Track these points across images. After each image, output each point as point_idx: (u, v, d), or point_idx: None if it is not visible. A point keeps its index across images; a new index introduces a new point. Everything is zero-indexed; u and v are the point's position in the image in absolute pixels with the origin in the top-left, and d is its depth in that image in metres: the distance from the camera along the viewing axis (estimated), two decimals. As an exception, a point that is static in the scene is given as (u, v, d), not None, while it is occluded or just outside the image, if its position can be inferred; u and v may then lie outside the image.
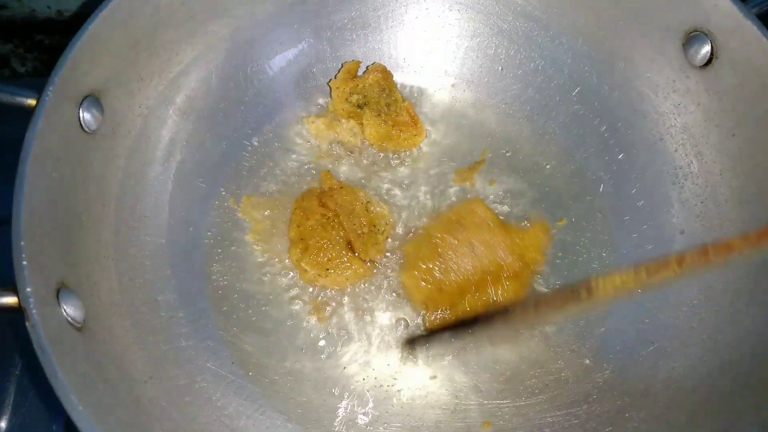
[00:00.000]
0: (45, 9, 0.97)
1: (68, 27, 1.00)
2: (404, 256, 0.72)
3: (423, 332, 0.70)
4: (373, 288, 0.72)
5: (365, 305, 0.71)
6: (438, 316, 0.68)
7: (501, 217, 0.74)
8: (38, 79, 0.56)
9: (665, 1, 0.70)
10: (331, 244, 0.70)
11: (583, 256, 0.74)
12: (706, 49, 0.68)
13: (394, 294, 0.72)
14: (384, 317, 0.71)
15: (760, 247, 0.53)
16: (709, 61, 0.69)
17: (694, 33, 0.69)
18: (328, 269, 0.70)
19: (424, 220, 0.75)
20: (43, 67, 0.99)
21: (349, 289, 0.72)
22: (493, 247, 0.69)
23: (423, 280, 0.68)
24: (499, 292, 0.69)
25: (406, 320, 0.71)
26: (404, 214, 0.76)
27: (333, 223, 0.71)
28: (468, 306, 0.68)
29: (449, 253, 0.69)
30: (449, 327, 0.68)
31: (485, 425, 0.66)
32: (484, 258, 0.69)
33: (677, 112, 0.74)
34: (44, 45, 0.99)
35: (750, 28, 0.63)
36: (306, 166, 0.78)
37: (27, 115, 0.56)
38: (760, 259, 0.64)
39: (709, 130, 0.71)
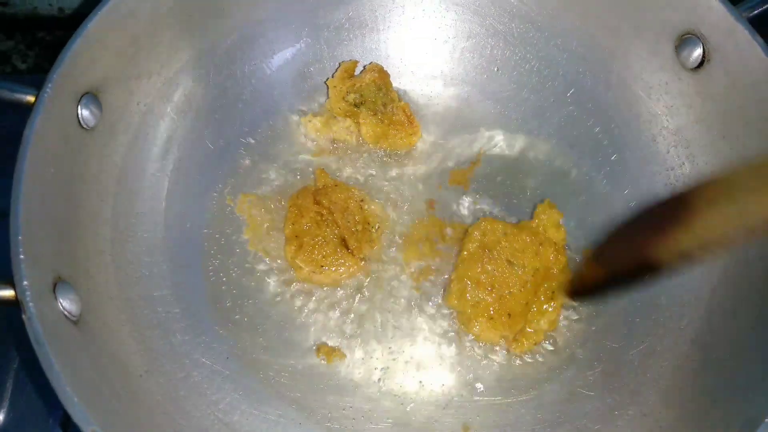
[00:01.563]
0: (47, 6, 0.98)
1: (69, 24, 1.00)
2: (456, 313, 0.71)
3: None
4: (367, 284, 0.73)
5: (359, 302, 0.72)
6: (520, 337, 0.69)
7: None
8: (39, 76, 0.57)
9: (658, 4, 0.71)
10: (325, 241, 0.71)
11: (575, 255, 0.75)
12: (698, 51, 0.69)
13: (389, 289, 0.72)
14: (379, 313, 0.71)
15: None
16: (701, 64, 0.69)
17: (686, 36, 0.70)
18: (322, 266, 0.70)
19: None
20: (45, 63, 1.00)
21: (343, 287, 0.72)
22: (524, 249, 0.70)
23: (489, 318, 0.68)
24: (554, 282, 0.70)
25: (400, 317, 0.71)
26: (398, 212, 0.76)
27: (327, 220, 0.72)
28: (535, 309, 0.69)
29: (494, 280, 0.69)
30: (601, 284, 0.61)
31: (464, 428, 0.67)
32: (525, 263, 0.70)
33: (670, 114, 0.75)
34: (46, 42, 1.00)
35: (741, 31, 0.64)
36: (302, 165, 0.78)
37: (26, 110, 0.57)
38: (751, 259, 0.65)
39: (701, 132, 0.72)
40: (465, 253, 0.71)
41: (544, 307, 0.70)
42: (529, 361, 0.70)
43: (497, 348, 0.70)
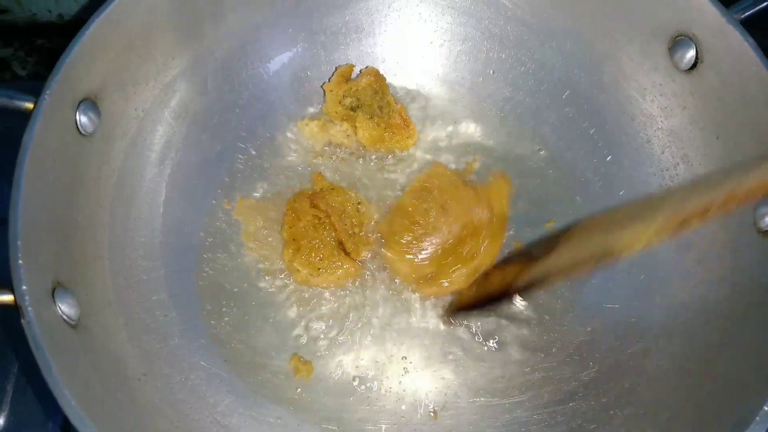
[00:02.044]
0: (46, 13, 0.99)
1: (69, 31, 1.00)
2: (382, 235, 0.73)
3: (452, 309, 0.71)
4: (364, 286, 0.73)
5: (359, 305, 0.72)
6: (430, 280, 0.70)
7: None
8: (38, 83, 0.58)
9: (652, 6, 0.71)
10: (322, 244, 0.72)
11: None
12: (691, 53, 0.69)
13: (385, 290, 0.73)
14: (375, 314, 0.72)
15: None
16: (694, 65, 0.70)
17: (679, 37, 0.70)
18: (319, 269, 0.71)
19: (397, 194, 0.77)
20: (44, 70, 1.01)
21: (341, 289, 0.73)
22: (464, 204, 0.72)
23: (406, 253, 0.70)
24: (481, 246, 0.71)
25: (396, 318, 0.72)
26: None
27: (324, 223, 0.73)
28: (455, 265, 0.70)
29: (424, 219, 0.71)
30: (473, 305, 0.69)
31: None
32: (459, 217, 0.71)
33: (664, 115, 0.75)
34: (45, 49, 1.01)
35: (733, 33, 0.64)
36: (300, 168, 0.79)
37: (25, 116, 0.58)
38: (745, 259, 0.66)
39: (694, 133, 0.72)
40: (408, 186, 0.74)
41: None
42: (524, 362, 0.70)
43: (491, 345, 0.70)
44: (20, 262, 0.52)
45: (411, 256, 0.70)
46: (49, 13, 0.99)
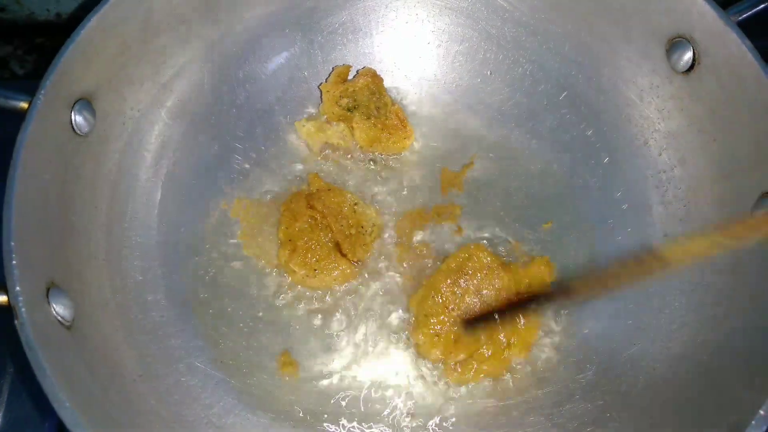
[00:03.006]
0: (44, 11, 0.99)
1: (67, 29, 1.00)
2: (412, 313, 0.71)
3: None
4: (362, 289, 0.73)
5: (355, 307, 0.72)
6: (458, 366, 0.68)
7: (503, 258, 0.74)
8: (36, 82, 0.58)
9: (649, 7, 0.71)
10: (318, 245, 0.71)
11: (568, 258, 0.75)
12: (689, 55, 0.69)
13: (383, 295, 0.73)
14: (372, 319, 0.72)
15: None
16: (692, 67, 0.70)
17: (677, 39, 0.70)
18: (315, 270, 0.71)
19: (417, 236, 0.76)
20: (43, 69, 1.00)
21: (337, 291, 0.73)
22: (500, 291, 0.70)
23: (435, 335, 0.68)
24: (513, 336, 0.69)
25: (394, 323, 0.72)
26: (392, 216, 0.77)
27: (321, 224, 0.73)
28: (486, 350, 0.68)
29: (457, 305, 0.69)
30: (481, 318, 0.68)
31: None
32: (494, 303, 0.69)
33: (661, 117, 0.75)
34: (44, 47, 1.01)
35: (730, 35, 0.64)
36: (296, 169, 0.79)
37: (19, 116, 0.57)
38: (742, 262, 0.66)
39: (692, 135, 0.72)
40: (444, 266, 0.71)
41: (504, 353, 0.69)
42: (522, 365, 0.70)
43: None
44: (14, 262, 0.52)
45: (438, 338, 0.68)
46: (48, 11, 0.99)
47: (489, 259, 0.70)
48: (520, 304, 0.69)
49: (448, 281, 0.69)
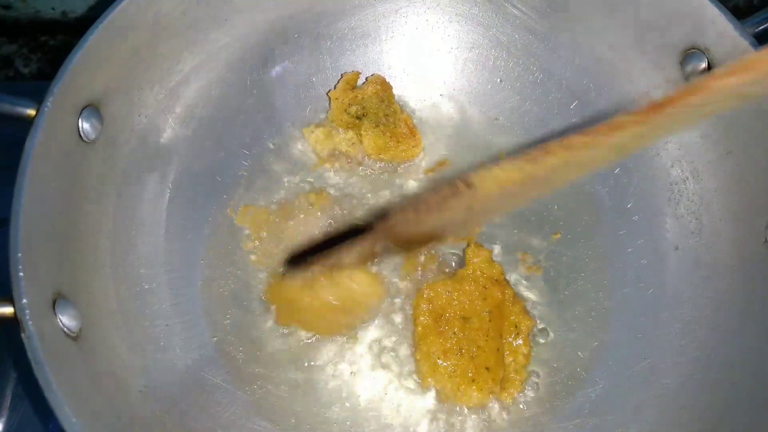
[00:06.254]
0: (49, 10, 0.98)
1: (72, 28, 1.01)
2: (437, 391, 0.68)
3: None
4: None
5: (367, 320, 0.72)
6: (513, 389, 0.68)
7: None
8: (42, 82, 0.57)
9: (663, 18, 0.70)
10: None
11: (577, 270, 0.75)
12: (703, 66, 0.68)
13: (388, 304, 0.72)
14: (376, 332, 0.71)
15: (649, 122, 0.49)
16: (706, 79, 0.69)
17: (691, 50, 0.69)
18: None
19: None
20: (48, 68, 1.00)
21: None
22: (471, 299, 0.69)
23: (471, 381, 0.66)
24: (511, 316, 0.69)
25: (398, 335, 0.71)
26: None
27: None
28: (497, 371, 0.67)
29: (458, 343, 0.67)
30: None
31: None
32: (477, 312, 0.69)
33: (674, 129, 0.74)
34: (49, 46, 1.00)
35: (746, 47, 0.63)
36: (304, 176, 0.78)
37: (27, 121, 0.57)
38: (755, 277, 0.65)
39: (705, 148, 0.72)
40: (419, 328, 0.68)
41: (515, 344, 0.68)
42: (530, 377, 0.69)
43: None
44: (21, 274, 0.51)
45: (453, 375, 0.66)
46: (53, 10, 0.98)
47: (442, 286, 0.69)
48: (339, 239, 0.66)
49: (435, 334, 0.68)
